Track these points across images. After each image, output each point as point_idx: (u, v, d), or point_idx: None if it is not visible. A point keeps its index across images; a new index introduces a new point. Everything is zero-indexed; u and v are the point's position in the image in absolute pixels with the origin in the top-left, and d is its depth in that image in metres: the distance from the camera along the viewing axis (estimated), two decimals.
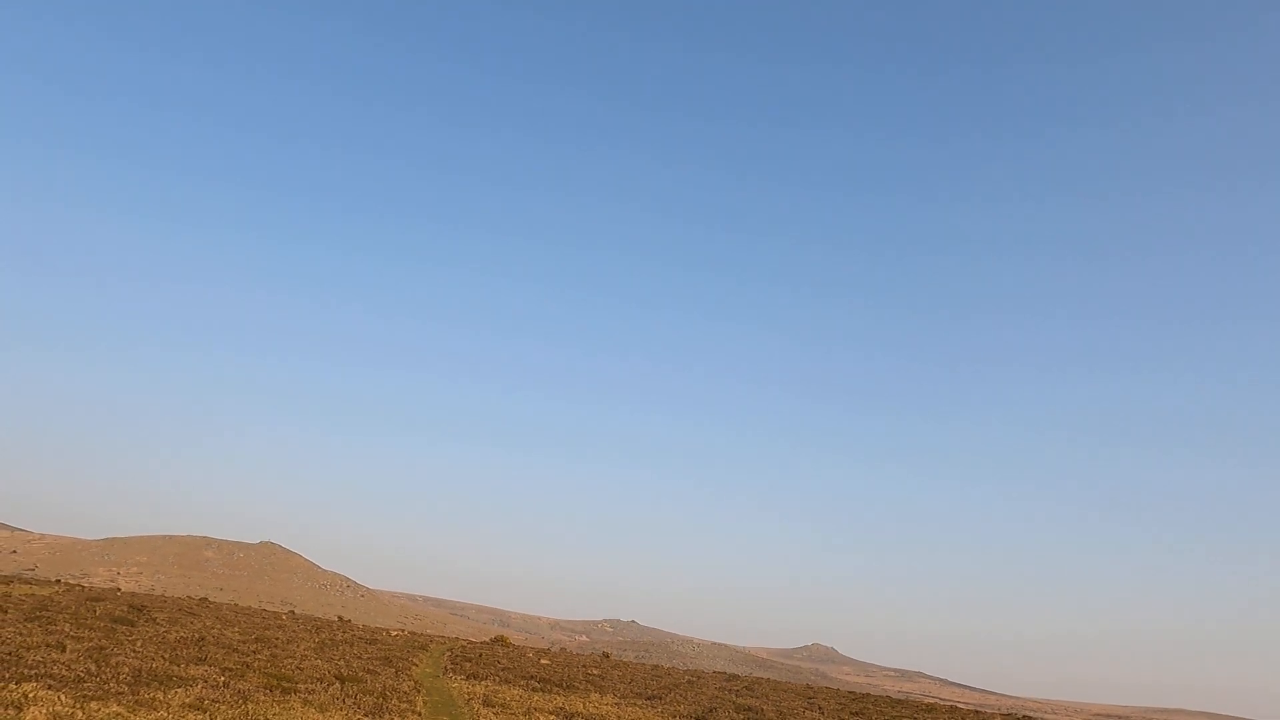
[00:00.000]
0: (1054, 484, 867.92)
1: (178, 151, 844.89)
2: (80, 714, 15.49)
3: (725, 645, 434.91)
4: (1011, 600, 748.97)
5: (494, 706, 28.18)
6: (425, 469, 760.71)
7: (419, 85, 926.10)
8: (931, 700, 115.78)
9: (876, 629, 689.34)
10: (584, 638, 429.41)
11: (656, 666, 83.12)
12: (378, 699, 24.12)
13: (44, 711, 15.03)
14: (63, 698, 16.72)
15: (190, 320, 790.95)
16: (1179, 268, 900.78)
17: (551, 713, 28.53)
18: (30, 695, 16.20)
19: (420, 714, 23.34)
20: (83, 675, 19.88)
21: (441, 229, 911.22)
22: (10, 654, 21.58)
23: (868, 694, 73.03)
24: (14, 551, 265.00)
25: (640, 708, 35.92)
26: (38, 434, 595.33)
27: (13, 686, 16.81)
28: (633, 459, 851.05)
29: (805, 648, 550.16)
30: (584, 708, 31.97)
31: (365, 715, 21.03)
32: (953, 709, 66.56)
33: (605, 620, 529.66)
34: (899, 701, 65.16)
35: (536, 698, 33.35)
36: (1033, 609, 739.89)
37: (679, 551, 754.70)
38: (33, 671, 19.25)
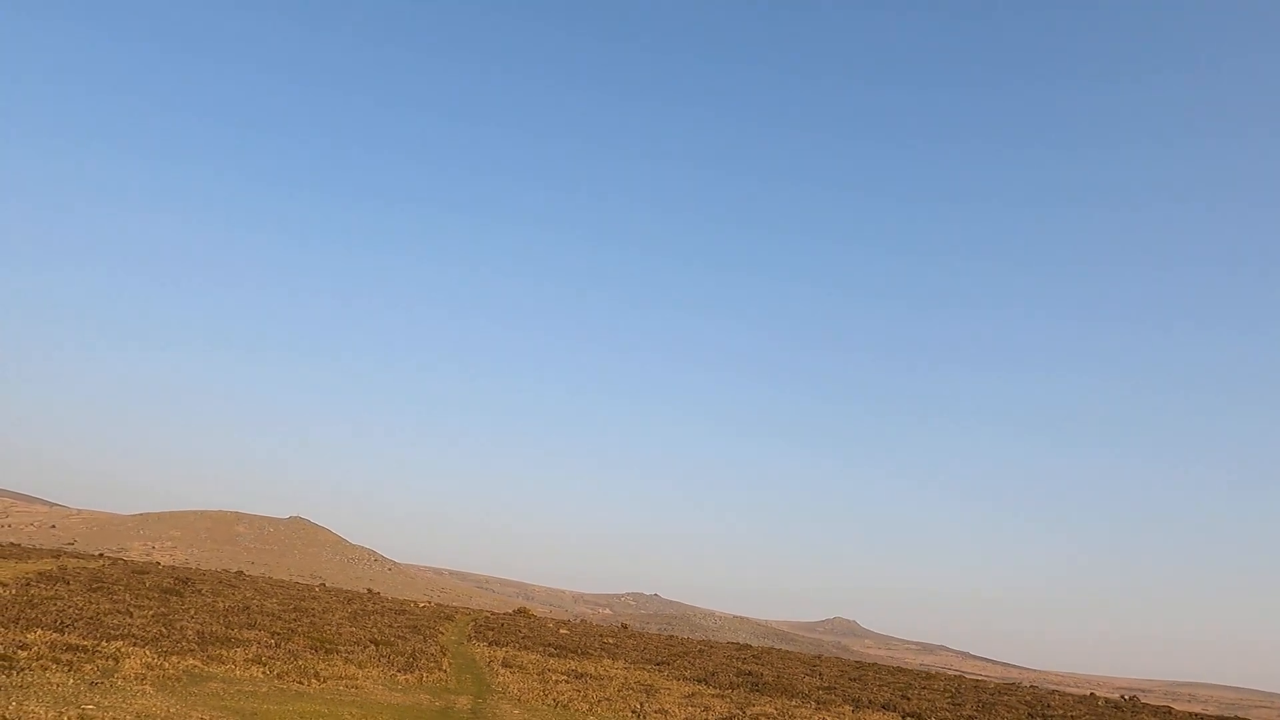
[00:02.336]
0: (1080, 460, 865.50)
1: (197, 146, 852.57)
2: (166, 665, 18.68)
3: (747, 618, 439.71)
4: (1036, 574, 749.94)
5: (512, 668, 31.37)
6: (450, 445, 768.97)
7: (419, 81, 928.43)
8: (942, 671, 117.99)
9: (900, 603, 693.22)
10: (607, 610, 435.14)
11: (671, 637, 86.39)
12: (408, 659, 27.33)
13: (137, 663, 18.21)
14: (147, 653, 19.92)
15: (215, 300, 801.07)
16: (1175, 275, 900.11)
17: (564, 674, 31.64)
18: (121, 651, 19.41)
19: (446, 672, 26.51)
20: (157, 636, 23.14)
21: (463, 219, 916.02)
22: (92, 619, 24.93)
23: (874, 663, 75.98)
24: (53, 526, 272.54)
25: (648, 671, 39.05)
26: (73, 411, 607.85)
27: (105, 644, 20.03)
28: (656, 435, 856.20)
29: (827, 621, 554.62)
30: (595, 670, 35.11)
31: (398, 671, 24.21)
32: (956, 677, 69.40)
33: (629, 594, 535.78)
34: (900, 670, 68.11)
35: (552, 661, 36.52)
36: (1057, 582, 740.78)
37: (702, 525, 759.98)
38: (116, 633, 22.52)
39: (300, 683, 20.03)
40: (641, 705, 24.69)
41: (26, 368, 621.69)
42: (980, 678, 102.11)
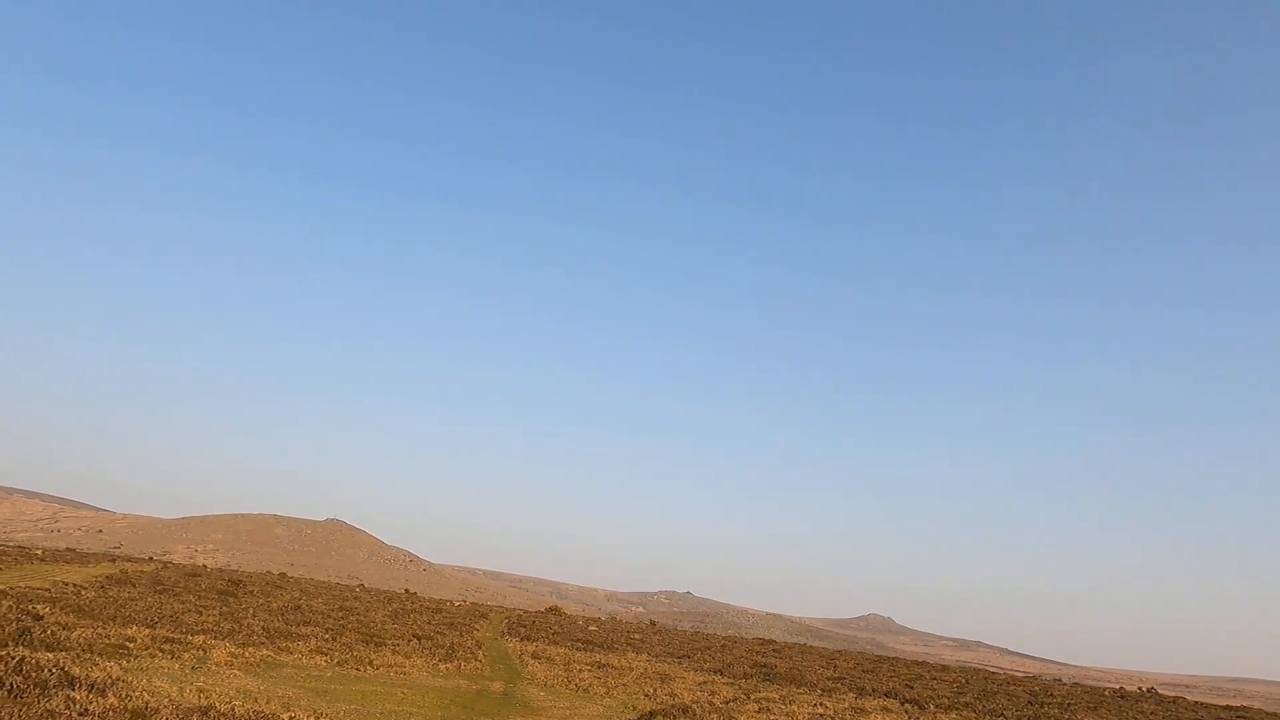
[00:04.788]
0: (1126, 452, 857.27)
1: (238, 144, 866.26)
2: (245, 654, 21.98)
3: (781, 616, 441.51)
4: (1076, 568, 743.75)
5: (540, 659, 34.55)
6: (484, 446, 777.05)
7: (432, 71, 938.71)
8: (981, 667, 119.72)
9: (936, 599, 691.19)
10: (640, 609, 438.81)
11: (697, 633, 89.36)
12: (448, 651, 30.59)
13: (223, 653, 21.52)
14: (228, 645, 23.27)
15: (251, 304, 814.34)
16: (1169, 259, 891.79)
17: (588, 664, 34.78)
18: (207, 643, 22.75)
19: (481, 662, 29.78)
20: (231, 631, 26.54)
21: (489, 214, 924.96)
22: (172, 616, 28.40)
23: (895, 657, 78.50)
24: (100, 531, 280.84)
25: (668, 663, 42.08)
26: (118, 419, 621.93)
27: (191, 637, 23.39)
28: (688, 433, 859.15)
29: (862, 618, 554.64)
30: (617, 662, 38.20)
31: (439, 661, 27.45)
32: (969, 669, 71.76)
33: (661, 592, 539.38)
34: (919, 663, 70.46)
35: (579, 654, 39.66)
36: (1106, 578, 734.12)
37: (736, 523, 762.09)
38: (196, 628, 25.92)
39: (358, 669, 23.35)
40: (654, 690, 27.77)
41: (66, 376, 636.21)
42: (1000, 670, 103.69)
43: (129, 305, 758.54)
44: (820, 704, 30.25)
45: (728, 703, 26.33)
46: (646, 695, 26.39)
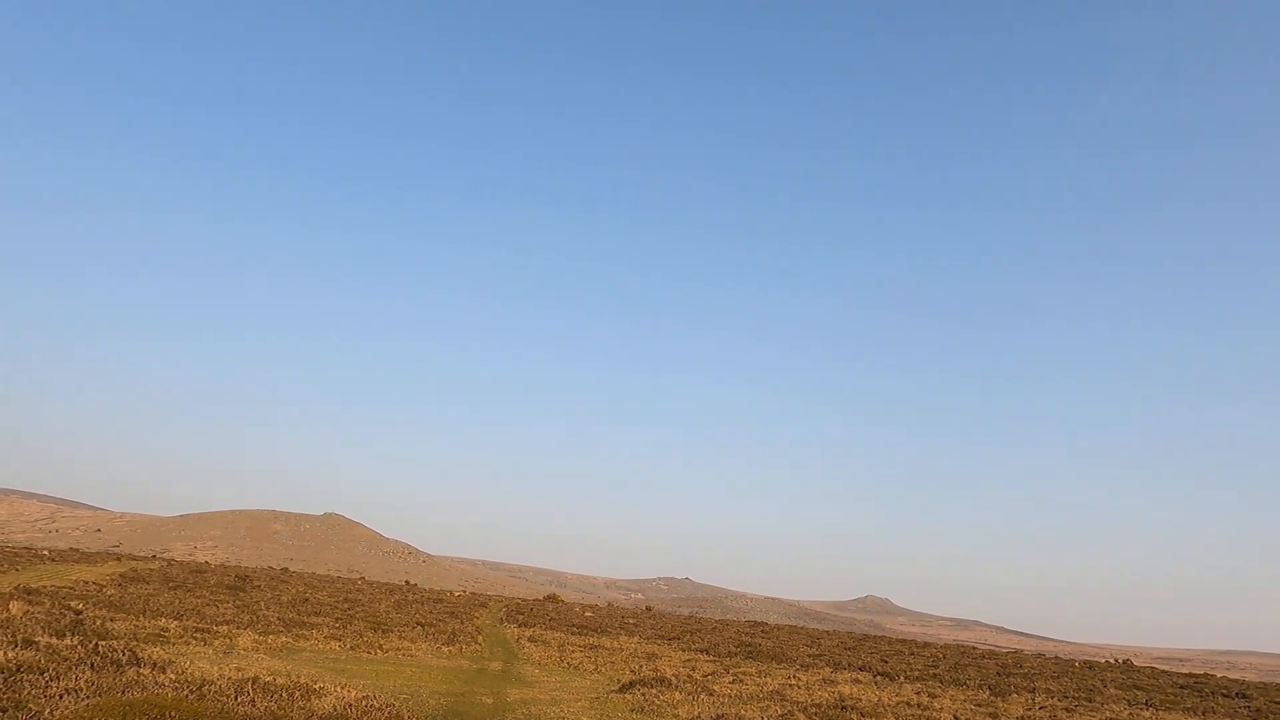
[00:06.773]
0: (1109, 430, 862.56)
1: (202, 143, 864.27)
2: (267, 641, 24.40)
3: (779, 599, 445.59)
4: (1072, 546, 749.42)
5: (536, 643, 37.06)
6: (481, 437, 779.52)
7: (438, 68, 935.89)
8: (962, 644, 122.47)
9: (933, 579, 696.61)
10: (639, 595, 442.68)
11: (690, 617, 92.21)
12: (449, 636, 33.07)
13: (248, 640, 23.92)
14: (251, 633, 25.65)
15: (244, 302, 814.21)
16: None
17: (581, 646, 37.28)
18: (231, 632, 25.14)
19: (481, 645, 32.28)
20: (250, 621, 28.93)
21: (477, 203, 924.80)
22: (194, 610, 30.79)
23: (880, 636, 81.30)
24: (98, 530, 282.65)
25: (658, 644, 44.61)
26: (115, 418, 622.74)
27: (216, 627, 25.78)
28: (686, 418, 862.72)
29: (860, 599, 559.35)
30: (609, 644, 40.71)
31: (442, 645, 29.92)
32: (949, 645, 74.49)
33: (660, 578, 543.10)
34: (901, 641, 73.28)
35: (573, 638, 42.16)
36: (1094, 555, 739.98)
37: (734, 508, 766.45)
38: (218, 620, 28.32)
39: (369, 652, 25.84)
40: (640, 666, 30.26)
41: (61, 376, 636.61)
42: (990, 646, 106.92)
43: (121, 305, 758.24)
44: (795, 677, 32.75)
45: (706, 676, 28.81)
46: (632, 671, 28.84)
